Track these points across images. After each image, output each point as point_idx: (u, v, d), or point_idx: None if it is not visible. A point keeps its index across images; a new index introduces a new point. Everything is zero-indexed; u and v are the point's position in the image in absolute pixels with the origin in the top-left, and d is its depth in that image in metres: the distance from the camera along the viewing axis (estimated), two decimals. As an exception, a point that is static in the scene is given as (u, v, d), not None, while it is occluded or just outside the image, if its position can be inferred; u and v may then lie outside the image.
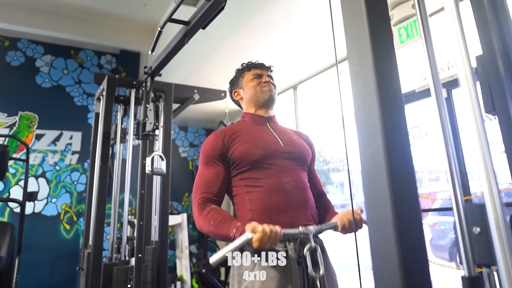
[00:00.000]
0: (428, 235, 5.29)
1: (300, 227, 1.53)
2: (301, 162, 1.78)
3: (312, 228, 1.54)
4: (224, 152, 1.71)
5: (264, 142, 1.72)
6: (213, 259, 1.39)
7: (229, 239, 1.51)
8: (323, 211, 1.82)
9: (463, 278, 0.73)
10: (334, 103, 4.28)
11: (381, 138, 0.66)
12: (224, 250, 1.40)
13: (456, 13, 0.81)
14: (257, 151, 1.68)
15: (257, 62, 1.97)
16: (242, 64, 1.99)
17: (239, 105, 2.00)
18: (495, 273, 0.71)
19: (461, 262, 0.75)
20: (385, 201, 0.64)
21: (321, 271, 1.55)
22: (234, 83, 2.00)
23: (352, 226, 1.62)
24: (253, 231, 1.41)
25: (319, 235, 1.70)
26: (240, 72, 1.97)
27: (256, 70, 1.93)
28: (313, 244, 1.52)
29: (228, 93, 2.06)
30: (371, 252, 0.67)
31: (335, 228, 1.63)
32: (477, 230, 0.72)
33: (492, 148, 0.73)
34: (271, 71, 1.98)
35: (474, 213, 0.73)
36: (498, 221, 0.68)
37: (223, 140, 1.73)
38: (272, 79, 1.94)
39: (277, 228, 1.44)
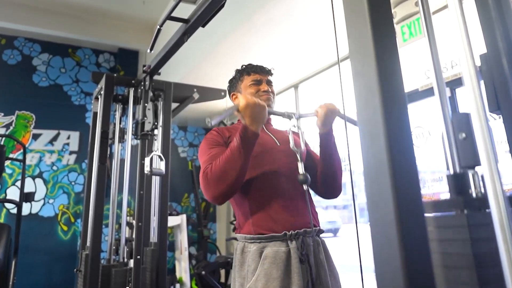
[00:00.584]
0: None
1: (285, 111, 1.70)
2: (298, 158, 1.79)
3: (296, 113, 1.71)
4: (225, 141, 1.75)
5: (261, 142, 1.74)
6: (213, 121, 1.51)
7: (236, 152, 1.55)
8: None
9: (448, 176, 0.79)
10: (336, 103, 4.27)
11: (383, 138, 0.66)
12: (221, 115, 1.57)
13: (460, 10, 0.81)
14: (256, 148, 1.69)
15: (257, 66, 1.94)
16: (242, 66, 1.97)
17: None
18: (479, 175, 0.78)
19: (448, 168, 0.80)
20: (388, 202, 0.64)
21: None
22: (233, 86, 1.99)
23: (328, 111, 1.77)
24: (238, 102, 1.59)
25: (321, 235, 1.71)
26: (239, 75, 1.95)
27: (255, 76, 1.90)
28: (296, 125, 1.67)
29: (227, 94, 2.05)
30: (373, 253, 0.67)
31: (315, 116, 1.79)
32: (462, 135, 0.78)
33: (496, 148, 0.73)
34: (272, 74, 1.96)
35: (460, 121, 0.78)
36: (483, 128, 0.73)
37: (222, 135, 1.78)
38: (272, 85, 1.93)
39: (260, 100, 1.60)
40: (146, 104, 2.83)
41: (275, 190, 1.66)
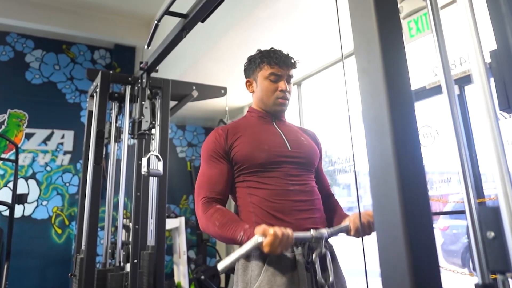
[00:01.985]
0: (439, 239, 5.28)
1: (311, 230, 1.52)
2: (308, 165, 1.77)
3: (324, 232, 1.53)
4: (227, 151, 1.70)
5: (270, 144, 1.71)
6: (221, 266, 1.36)
7: (236, 242, 1.51)
8: (331, 213, 1.81)
9: (476, 285, 0.73)
10: (340, 101, 4.28)
11: (389, 138, 0.66)
12: (233, 256, 1.38)
13: (469, 5, 0.81)
14: (262, 154, 1.67)
15: (281, 56, 1.80)
16: (263, 51, 1.84)
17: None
18: (510, 280, 0.70)
19: (474, 269, 0.74)
20: (394, 203, 0.64)
21: (331, 278, 1.55)
22: (250, 69, 1.87)
23: (365, 228, 1.59)
24: (263, 234, 1.39)
25: (329, 240, 1.70)
26: (259, 61, 1.81)
27: (276, 69, 1.78)
28: (323, 249, 1.52)
29: (244, 74, 1.92)
30: (379, 257, 0.67)
31: (347, 231, 1.61)
32: (491, 234, 0.71)
33: (507, 148, 0.73)
34: (295, 68, 1.85)
35: (488, 217, 0.72)
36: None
37: (226, 138, 1.72)
38: (291, 81, 1.84)
39: (289, 231, 1.43)
40: (143, 102, 2.83)
41: (280, 195, 1.64)
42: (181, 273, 5.67)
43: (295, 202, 1.64)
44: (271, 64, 1.78)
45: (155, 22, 2.23)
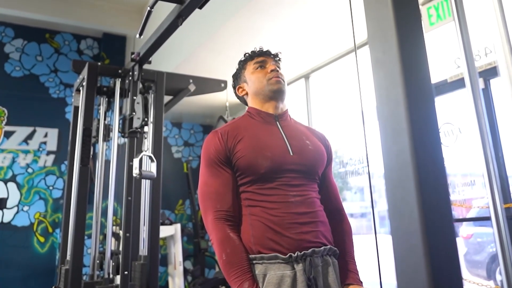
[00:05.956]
0: (462, 249, 5.28)
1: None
2: (310, 174, 1.77)
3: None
4: (229, 156, 1.71)
5: (273, 151, 1.71)
6: None
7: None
8: (338, 246, 1.79)
9: None
10: (352, 95, 4.27)
11: (407, 136, 0.66)
12: None
13: (495, -10, 0.81)
14: (265, 162, 1.67)
15: (259, 50, 1.96)
16: (244, 54, 1.98)
17: (245, 103, 1.98)
18: None
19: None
20: (412, 209, 0.64)
21: None
22: (237, 78, 1.99)
23: None
24: None
25: (333, 255, 1.71)
26: (242, 64, 1.97)
27: (259, 58, 1.91)
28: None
29: (233, 91, 2.05)
30: (395, 269, 0.67)
31: None
32: None
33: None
34: (277, 58, 1.96)
35: None
36: None
37: (226, 142, 1.72)
38: (279, 67, 1.93)
39: None
40: (134, 97, 2.84)
41: (280, 207, 1.65)
42: (176, 286, 5.68)
43: (296, 214, 1.64)
44: (253, 58, 1.93)
45: (148, 8, 2.23)
